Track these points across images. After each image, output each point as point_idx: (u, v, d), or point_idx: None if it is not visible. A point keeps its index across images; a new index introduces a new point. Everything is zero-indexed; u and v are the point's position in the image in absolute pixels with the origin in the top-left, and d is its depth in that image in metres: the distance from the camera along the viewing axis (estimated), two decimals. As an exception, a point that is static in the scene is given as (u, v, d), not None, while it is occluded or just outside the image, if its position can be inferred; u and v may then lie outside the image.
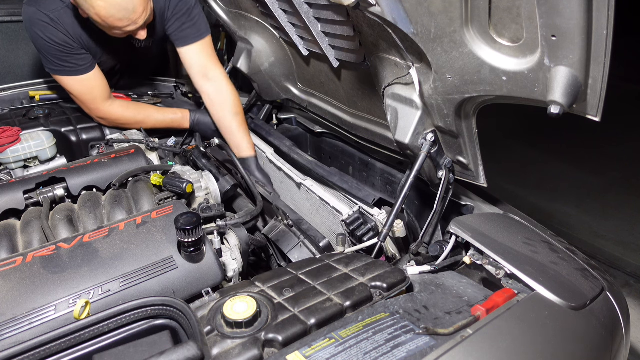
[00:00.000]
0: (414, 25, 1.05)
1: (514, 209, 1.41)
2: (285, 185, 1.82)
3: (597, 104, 0.89)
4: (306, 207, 1.71)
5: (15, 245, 1.25)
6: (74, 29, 1.80)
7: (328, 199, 1.54)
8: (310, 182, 1.63)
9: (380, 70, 1.38)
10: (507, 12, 0.91)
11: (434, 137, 1.29)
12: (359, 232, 1.42)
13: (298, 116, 2.26)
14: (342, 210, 1.47)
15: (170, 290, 1.09)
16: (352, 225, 1.43)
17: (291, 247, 1.53)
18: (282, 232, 1.59)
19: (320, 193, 1.57)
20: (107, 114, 1.99)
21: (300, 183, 1.64)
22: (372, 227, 1.43)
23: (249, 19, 1.96)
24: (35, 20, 1.74)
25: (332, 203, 1.51)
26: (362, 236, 1.41)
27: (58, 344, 0.83)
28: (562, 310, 0.97)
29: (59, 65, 1.84)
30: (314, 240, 1.47)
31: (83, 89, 1.91)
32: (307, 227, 1.51)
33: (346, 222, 1.44)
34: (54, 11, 1.74)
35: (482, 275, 1.18)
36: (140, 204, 1.42)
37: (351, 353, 0.81)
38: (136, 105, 2.09)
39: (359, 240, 1.42)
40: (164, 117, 2.08)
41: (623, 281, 2.91)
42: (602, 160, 4.24)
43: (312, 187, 1.61)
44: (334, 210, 1.51)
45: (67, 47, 1.80)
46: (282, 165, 1.76)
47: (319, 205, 1.60)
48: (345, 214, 1.45)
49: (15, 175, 1.75)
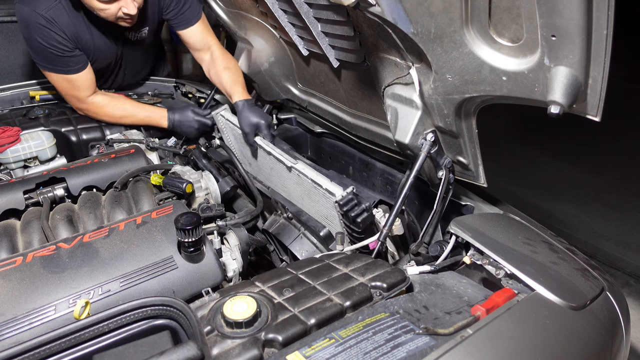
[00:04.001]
0: (414, 25, 1.05)
1: (514, 209, 1.41)
2: (276, 171, 1.75)
3: (597, 104, 0.89)
4: (297, 192, 1.65)
5: (15, 245, 1.25)
6: (69, 28, 1.80)
7: (320, 181, 1.45)
8: (302, 165, 1.55)
9: (380, 70, 1.38)
10: (507, 12, 0.91)
11: (434, 137, 1.29)
12: (353, 212, 1.34)
13: (298, 116, 2.26)
14: (335, 192, 1.39)
15: (170, 290, 1.09)
16: (346, 206, 1.35)
17: (292, 239, 1.51)
18: (282, 226, 1.59)
19: (312, 176, 1.48)
20: (87, 109, 2.02)
21: (291, 166, 1.57)
22: (366, 207, 1.35)
23: (249, 19, 1.96)
24: (30, 22, 1.74)
25: (325, 185, 1.43)
26: (355, 217, 1.34)
27: (58, 344, 0.83)
28: (562, 310, 0.97)
29: (51, 64, 1.85)
30: (314, 230, 1.46)
31: (69, 86, 1.93)
32: (306, 218, 1.49)
33: (339, 203, 1.36)
34: (49, 9, 1.74)
35: (482, 275, 1.18)
36: (140, 204, 1.42)
37: (351, 353, 0.81)
38: (116, 101, 2.06)
39: (353, 221, 1.35)
40: (142, 115, 2.06)
41: (623, 281, 2.91)
42: (602, 160, 4.24)
43: (304, 170, 1.52)
44: (326, 193, 1.43)
45: (62, 49, 1.81)
46: (271, 149, 1.67)
47: (310, 189, 1.53)
48: (339, 195, 1.37)
49: (15, 175, 1.75)
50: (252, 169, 1.97)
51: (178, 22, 2.06)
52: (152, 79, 2.52)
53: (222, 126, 2.03)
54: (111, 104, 2.03)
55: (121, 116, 2.04)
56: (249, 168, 2.00)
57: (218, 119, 2.02)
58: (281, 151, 1.63)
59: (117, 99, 2.08)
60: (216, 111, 2.00)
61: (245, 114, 1.78)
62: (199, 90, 2.47)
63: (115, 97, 2.09)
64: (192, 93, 2.48)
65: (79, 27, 1.84)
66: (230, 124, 1.93)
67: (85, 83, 1.94)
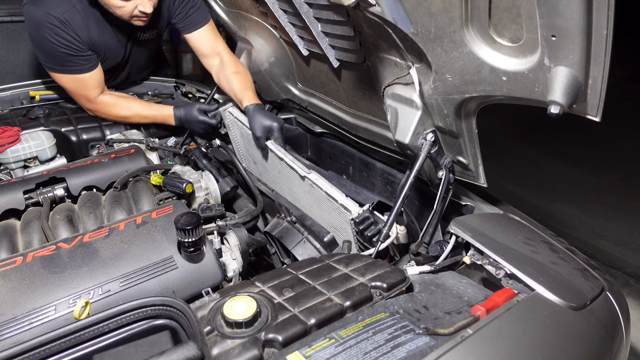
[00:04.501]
0: (414, 25, 1.05)
1: (514, 209, 1.41)
2: (284, 175, 1.75)
3: (597, 104, 0.89)
4: (306, 199, 1.66)
5: (15, 245, 1.25)
6: (82, 31, 1.81)
7: (336, 195, 1.45)
8: (315, 175, 1.55)
9: (380, 70, 1.38)
10: (507, 12, 0.91)
11: (434, 137, 1.29)
12: (369, 232, 1.35)
13: (298, 116, 2.26)
14: (351, 209, 1.39)
15: (170, 290, 1.09)
16: (362, 224, 1.36)
17: (295, 243, 1.51)
18: (285, 229, 1.58)
19: (327, 188, 1.48)
20: (96, 109, 2.02)
21: (304, 176, 1.57)
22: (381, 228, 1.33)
23: (249, 19, 1.96)
24: (42, 24, 1.73)
25: (340, 200, 1.43)
26: (371, 237, 1.34)
27: (58, 344, 0.83)
28: (562, 310, 0.97)
29: (61, 65, 1.84)
30: (318, 235, 1.45)
31: (80, 86, 1.93)
32: (310, 223, 1.48)
33: (356, 221, 1.36)
34: (64, 12, 1.74)
35: (482, 275, 1.18)
36: (140, 204, 1.42)
37: (351, 353, 0.81)
38: (124, 101, 2.06)
39: (369, 241, 1.36)
40: (148, 113, 2.07)
41: (623, 281, 2.91)
42: (602, 160, 4.24)
43: (317, 181, 1.52)
44: (341, 208, 1.43)
45: (74, 49, 1.80)
46: (284, 155, 1.66)
47: (321, 200, 1.54)
48: (355, 212, 1.37)
49: (15, 175, 1.75)
50: (258, 168, 1.97)
51: (184, 25, 2.06)
52: (152, 79, 2.53)
53: (228, 123, 2.03)
54: (119, 103, 2.04)
55: (129, 115, 2.05)
56: (254, 167, 2.00)
57: (225, 115, 2.02)
58: (293, 158, 1.63)
59: (125, 98, 2.09)
60: (224, 107, 2.00)
61: (257, 118, 1.78)
62: (199, 90, 2.47)
63: (123, 96, 2.10)
64: (192, 93, 2.48)
65: (92, 27, 1.85)
66: (238, 121, 1.93)
67: (95, 82, 1.94)
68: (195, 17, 2.05)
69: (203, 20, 2.08)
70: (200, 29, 2.07)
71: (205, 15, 2.08)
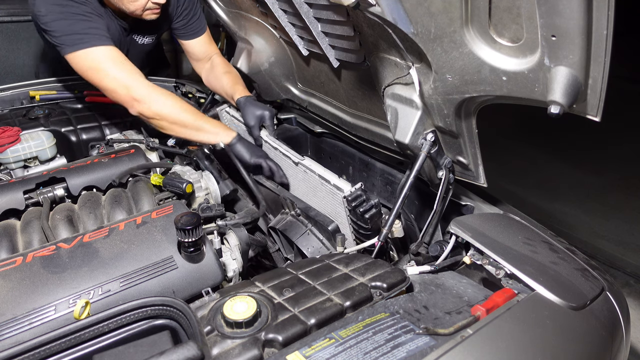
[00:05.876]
0: (414, 25, 1.05)
1: (514, 209, 1.41)
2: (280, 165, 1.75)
3: (597, 104, 0.89)
4: (302, 189, 1.67)
5: (15, 245, 1.25)
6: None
7: (328, 177, 1.45)
8: (309, 161, 1.55)
9: (380, 70, 1.38)
10: (507, 12, 0.91)
11: (434, 137, 1.29)
12: (362, 208, 1.34)
13: (298, 116, 2.26)
14: (343, 187, 1.38)
15: (170, 290, 1.09)
16: (355, 201, 1.35)
17: (299, 235, 1.52)
18: (289, 222, 1.59)
19: (320, 171, 1.48)
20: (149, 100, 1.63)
21: (297, 162, 1.56)
22: (374, 203, 1.36)
23: (249, 19, 1.96)
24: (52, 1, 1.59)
25: (333, 181, 1.43)
26: (364, 212, 1.34)
27: (58, 344, 0.83)
28: (562, 310, 0.97)
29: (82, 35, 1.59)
30: (322, 225, 1.46)
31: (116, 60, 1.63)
32: (314, 214, 1.50)
33: (348, 198, 1.36)
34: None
35: (482, 275, 1.18)
36: (140, 204, 1.42)
37: (351, 353, 0.81)
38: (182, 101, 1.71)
39: (361, 217, 1.37)
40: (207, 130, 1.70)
41: (623, 281, 2.91)
42: (602, 160, 4.25)
43: (311, 165, 1.52)
44: (333, 189, 1.43)
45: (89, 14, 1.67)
46: (278, 145, 1.65)
47: (316, 186, 1.55)
48: (347, 190, 1.36)
49: (15, 175, 1.75)
50: None
51: (184, 32, 2.09)
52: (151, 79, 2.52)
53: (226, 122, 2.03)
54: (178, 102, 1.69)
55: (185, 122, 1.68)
56: None
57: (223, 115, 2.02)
58: (287, 147, 1.65)
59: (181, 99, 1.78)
60: (221, 107, 2.01)
61: (248, 108, 1.80)
62: (199, 90, 2.47)
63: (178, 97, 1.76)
64: (192, 93, 2.48)
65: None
66: (235, 120, 1.93)
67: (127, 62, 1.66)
68: (195, 25, 2.08)
69: (202, 29, 2.11)
70: (199, 37, 2.11)
71: (204, 24, 2.12)
